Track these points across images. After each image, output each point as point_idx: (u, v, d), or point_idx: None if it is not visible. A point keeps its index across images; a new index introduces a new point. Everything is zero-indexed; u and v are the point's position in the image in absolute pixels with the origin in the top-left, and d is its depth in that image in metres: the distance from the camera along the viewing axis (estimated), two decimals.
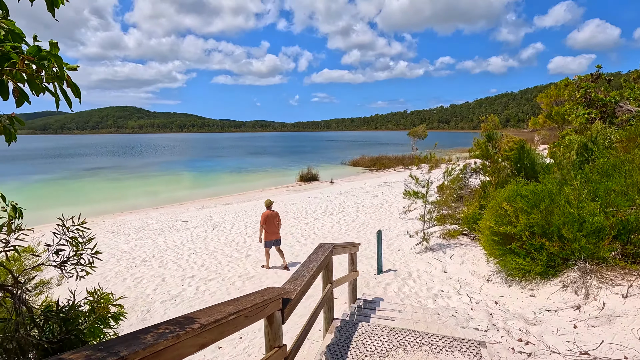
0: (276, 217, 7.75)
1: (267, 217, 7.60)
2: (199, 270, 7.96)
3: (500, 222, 5.08)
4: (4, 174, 39.09)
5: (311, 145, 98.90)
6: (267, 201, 7.96)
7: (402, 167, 36.36)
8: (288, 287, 2.70)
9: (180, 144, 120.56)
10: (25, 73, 1.18)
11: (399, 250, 8.07)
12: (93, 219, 17.79)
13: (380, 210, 13.40)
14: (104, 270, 8.59)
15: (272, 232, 7.65)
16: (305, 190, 25.21)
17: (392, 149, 60.21)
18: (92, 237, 2.02)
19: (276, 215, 7.76)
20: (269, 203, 7.91)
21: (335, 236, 10.19)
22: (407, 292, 5.60)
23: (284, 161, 50.17)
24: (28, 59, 1.15)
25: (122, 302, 5.87)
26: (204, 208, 19.41)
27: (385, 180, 25.36)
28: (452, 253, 7.11)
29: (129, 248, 10.84)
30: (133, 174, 37.03)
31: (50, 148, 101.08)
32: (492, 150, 9.65)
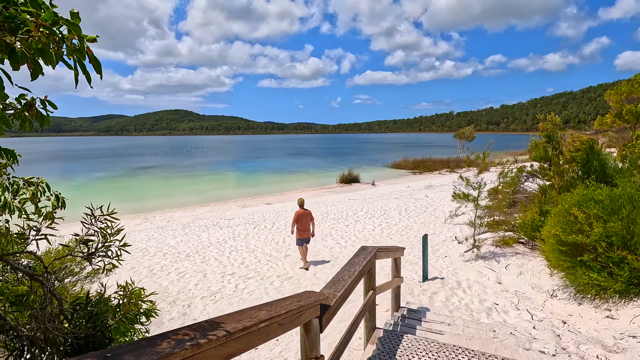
0: (309, 216, 7.78)
1: (300, 216, 7.67)
2: (239, 268, 7.98)
3: (568, 231, 4.46)
4: (72, 171, 43.10)
5: (352, 147, 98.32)
6: (300, 200, 8.07)
7: (447, 170, 34.79)
8: (327, 292, 2.46)
9: (226, 145, 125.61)
10: (41, 42, 1.05)
11: (445, 257, 7.52)
12: (145, 214, 18.88)
13: (425, 214, 12.75)
14: (152, 264, 8.93)
15: (304, 230, 7.70)
16: (346, 191, 24.93)
17: (437, 151, 58.02)
18: (121, 229, 1.91)
19: (309, 214, 7.81)
20: (301, 202, 7.99)
21: (377, 239, 9.79)
22: (456, 303, 5.12)
23: (325, 162, 50.24)
24: (42, 25, 1.02)
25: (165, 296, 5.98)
26: (247, 207, 19.83)
27: (430, 183, 24.36)
28: (508, 263, 6.46)
29: (175, 243, 11.25)
30: (183, 173, 39.04)
31: (112, 148, 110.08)
32: (553, 151, 8.74)
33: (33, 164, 55.06)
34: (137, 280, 7.82)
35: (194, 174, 38.36)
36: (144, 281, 7.69)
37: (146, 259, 9.48)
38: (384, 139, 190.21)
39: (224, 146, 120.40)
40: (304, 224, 7.70)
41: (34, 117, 1.65)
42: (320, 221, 12.94)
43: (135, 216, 18.50)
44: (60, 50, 1.18)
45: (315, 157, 61.80)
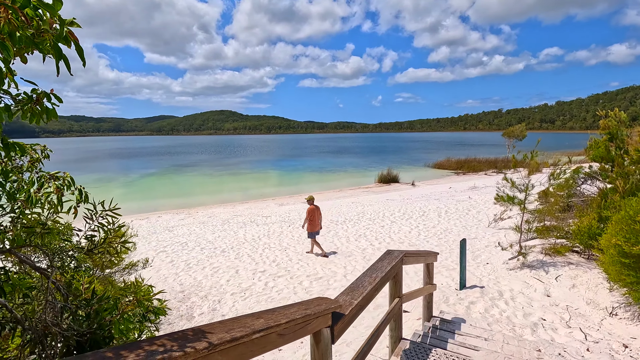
0: (318, 210, 8.80)
1: (311, 211, 8.65)
2: (270, 266, 8.00)
3: (633, 240, 3.88)
4: (127, 168, 46.43)
5: (393, 146, 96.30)
6: (310, 197, 9.05)
7: (494, 170, 32.83)
8: (343, 299, 2.27)
9: (268, 145, 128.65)
10: (11, 24, 0.99)
11: (487, 263, 6.97)
12: (189, 210, 19.75)
13: (467, 217, 12.03)
14: (189, 258, 9.24)
15: (315, 224, 8.67)
16: (384, 191, 24.41)
17: (483, 150, 55.04)
18: (122, 225, 1.86)
19: (318, 209, 8.82)
20: (311, 198, 8.98)
21: (413, 242, 9.37)
22: (496, 315, 4.67)
23: (364, 162, 49.65)
24: (7, 6, 0.95)
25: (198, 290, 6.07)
26: (284, 205, 20.06)
27: (474, 184, 23.11)
28: (558, 273, 5.82)
29: (213, 238, 11.60)
30: (226, 171, 40.51)
31: (163, 146, 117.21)
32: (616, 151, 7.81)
33: (94, 161, 60.08)
34: (173, 273, 8.12)
35: (236, 172, 39.65)
36: (181, 274, 7.95)
37: (185, 252, 9.83)
38: (426, 137, 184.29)
39: (265, 145, 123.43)
40: (315, 219, 8.68)
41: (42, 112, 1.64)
42: (355, 221, 12.70)
43: (180, 211, 19.39)
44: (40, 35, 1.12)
45: (354, 156, 61.31)
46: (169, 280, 7.63)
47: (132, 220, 16.37)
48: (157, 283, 7.52)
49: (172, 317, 5.72)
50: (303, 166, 45.85)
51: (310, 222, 8.61)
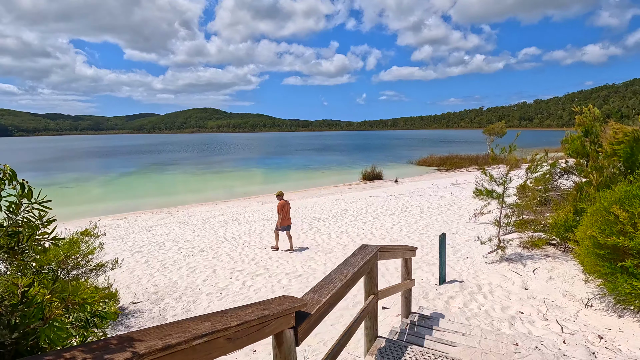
0: (288, 205, 8.98)
1: (282, 206, 8.79)
2: (249, 264, 7.79)
3: (607, 232, 3.88)
4: (105, 167, 45.04)
5: (377, 144, 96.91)
6: (279, 192, 9.24)
7: (475, 167, 33.40)
8: (309, 297, 2.13)
9: (252, 143, 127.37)
10: None
11: (467, 258, 6.97)
12: (169, 209, 19.24)
13: (448, 212, 12.10)
14: (165, 258, 8.93)
15: (286, 218, 8.83)
16: (368, 188, 24.45)
17: (465, 148, 56.00)
18: (52, 219, 1.65)
19: (288, 204, 9.00)
20: (280, 193, 9.19)
21: (394, 237, 9.33)
22: (474, 309, 4.63)
23: (348, 159, 49.69)
24: None
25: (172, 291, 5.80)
26: (267, 203, 19.81)
27: (456, 180, 23.41)
28: (536, 266, 5.85)
29: (192, 237, 11.28)
30: (208, 169, 39.78)
31: (143, 145, 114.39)
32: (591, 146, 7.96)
33: (71, 160, 58.07)
34: (148, 273, 7.82)
35: (219, 170, 38.99)
36: (156, 275, 7.66)
37: (161, 252, 9.51)
38: (409, 135, 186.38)
39: (249, 143, 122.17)
40: (286, 213, 8.85)
41: None
42: (337, 218, 12.61)
43: (159, 211, 18.87)
44: None
45: (338, 154, 61.34)
46: (142, 281, 7.33)
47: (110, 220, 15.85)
48: (130, 284, 7.22)
49: (143, 319, 5.47)
50: (287, 164, 45.52)
51: (282, 216, 8.78)
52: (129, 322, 5.34)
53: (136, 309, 5.88)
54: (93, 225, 5.54)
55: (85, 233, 5.35)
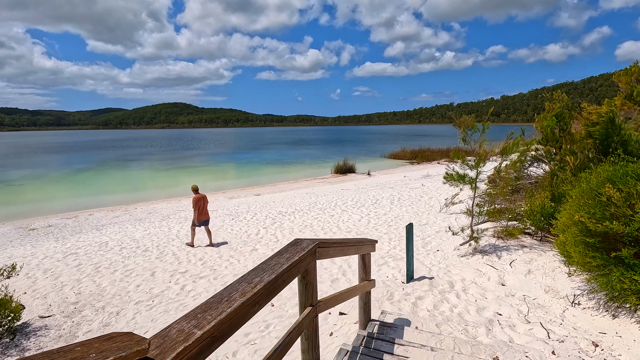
0: (205, 199, 8.61)
1: (198, 200, 8.41)
2: (195, 265, 6.80)
3: (599, 216, 3.25)
4: (63, 163, 41.91)
5: (350, 138, 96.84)
6: (194, 186, 8.79)
7: (446, 160, 33.58)
8: (176, 329, 1.25)
9: (224, 138, 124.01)
10: None
11: (437, 250, 6.33)
12: (127, 206, 17.75)
13: (419, 203, 11.55)
14: (102, 260, 7.77)
15: (202, 213, 8.43)
16: (340, 182, 23.83)
17: (436, 141, 56.64)
18: None
19: (205, 198, 8.63)
20: (195, 187, 8.75)
21: (361, 230, 8.60)
22: (446, 312, 3.93)
23: (321, 153, 48.99)
24: None
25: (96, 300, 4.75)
26: (235, 198, 18.76)
27: (427, 172, 23.20)
28: (512, 258, 5.25)
29: (140, 236, 10.13)
30: (175, 164, 37.82)
31: (108, 140, 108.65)
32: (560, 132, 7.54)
33: (24, 156, 53.88)
34: (75, 279, 6.66)
35: (187, 165, 37.16)
36: (83, 280, 6.51)
37: (100, 254, 8.32)
38: (383, 130, 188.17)
39: (221, 138, 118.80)
40: (203, 208, 8.46)
41: None
42: (304, 212, 11.79)
43: (116, 208, 17.37)
44: None
45: (312, 148, 60.53)
46: (65, 288, 6.17)
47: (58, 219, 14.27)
48: (49, 293, 6.05)
49: (47, 338, 4.39)
50: (258, 158, 44.17)
51: (198, 211, 8.38)
52: (26, 344, 4.26)
53: (43, 324, 4.78)
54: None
55: None
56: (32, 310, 5.36)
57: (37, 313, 5.23)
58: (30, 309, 5.45)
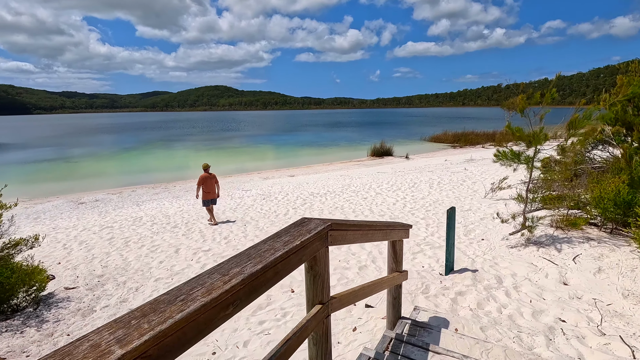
0: (213, 179, 8.61)
1: (204, 179, 8.46)
2: (218, 244, 6.60)
3: None
4: (115, 142, 44.59)
5: (389, 121, 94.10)
6: (204, 164, 8.77)
7: (491, 143, 31.35)
8: (77, 352, 0.82)
9: (262, 120, 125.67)
10: None
11: (482, 239, 5.58)
12: (167, 184, 18.34)
13: (461, 188, 10.62)
14: (132, 234, 7.84)
15: (208, 192, 8.45)
16: (376, 165, 23.07)
17: (481, 124, 53.26)
18: None
19: (213, 177, 8.64)
20: (205, 166, 8.73)
21: (396, 215, 7.97)
22: (493, 313, 3.30)
23: (358, 136, 47.93)
24: None
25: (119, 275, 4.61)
26: (269, 179, 18.77)
27: (471, 156, 21.72)
28: (576, 252, 4.42)
29: (173, 212, 10.24)
30: (214, 145, 38.75)
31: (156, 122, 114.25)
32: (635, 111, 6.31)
33: (82, 136, 58.04)
34: (105, 252, 6.74)
35: (226, 146, 37.96)
36: (112, 254, 6.55)
37: (132, 228, 8.44)
38: (424, 113, 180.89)
39: (259, 120, 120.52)
40: (208, 187, 8.45)
41: None
42: (336, 194, 11.31)
43: (157, 186, 18.03)
44: None
45: (348, 131, 59.49)
46: (94, 261, 6.22)
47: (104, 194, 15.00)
48: (80, 264, 6.13)
49: (66, 311, 4.34)
50: (295, 140, 44.09)
51: (203, 190, 8.44)
52: (46, 315, 4.22)
53: (66, 296, 4.76)
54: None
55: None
56: (60, 281, 5.41)
57: (64, 284, 5.26)
58: (59, 279, 5.52)
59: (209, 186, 8.45)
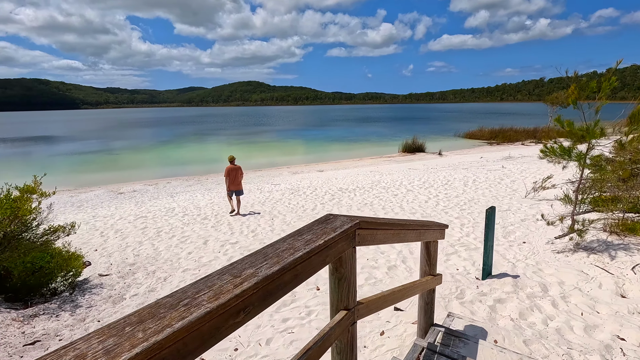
0: (238, 171, 8.88)
1: (230, 171, 8.81)
2: (246, 237, 6.59)
3: None
4: (153, 136, 46.60)
5: (422, 116, 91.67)
6: (230, 156, 9.09)
7: (532, 140, 29.58)
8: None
9: (293, 115, 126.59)
10: None
11: (523, 242, 5.17)
12: (200, 176, 18.86)
13: (498, 187, 10.02)
14: (164, 225, 8.04)
15: (232, 183, 8.79)
16: (408, 161, 22.48)
17: (521, 120, 50.54)
18: None
19: (238, 169, 8.91)
20: (231, 158, 9.06)
21: (428, 213, 7.62)
22: (538, 325, 2.98)
23: (389, 131, 47.02)
24: None
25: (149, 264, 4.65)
26: (298, 173, 18.81)
27: (509, 154, 20.60)
28: (636, 261, 3.94)
29: (204, 204, 10.45)
30: (245, 140, 39.46)
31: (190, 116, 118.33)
32: None
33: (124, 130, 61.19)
34: (138, 241, 6.94)
35: (256, 141, 38.53)
36: (144, 243, 6.74)
37: (164, 219, 8.67)
38: (458, 108, 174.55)
39: (290, 115, 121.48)
40: (233, 178, 8.78)
41: None
42: (366, 190, 11.06)
43: (190, 178, 18.61)
44: None
45: (379, 126, 58.53)
46: (127, 250, 6.41)
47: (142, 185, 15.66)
48: (114, 252, 6.34)
49: (98, 297, 4.46)
50: (325, 135, 43.96)
51: (229, 181, 8.79)
52: (80, 300, 4.36)
53: (100, 282, 4.91)
54: (37, 182, 4.50)
55: (27, 189, 4.34)
56: (95, 267, 5.61)
57: (98, 270, 5.44)
58: (95, 265, 5.72)
59: (233, 178, 8.81)
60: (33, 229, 4.58)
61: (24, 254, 4.53)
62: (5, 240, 4.47)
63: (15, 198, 4.23)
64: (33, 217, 4.44)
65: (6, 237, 4.43)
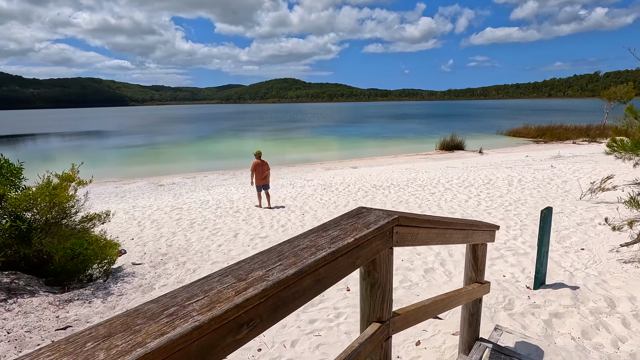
0: (265, 166, 8.99)
1: (256, 166, 8.89)
2: (276, 232, 6.46)
3: None
4: (193, 131, 48.50)
5: (461, 113, 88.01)
6: (257, 152, 9.16)
7: (585, 139, 27.26)
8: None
9: (328, 112, 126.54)
10: None
11: (582, 249, 4.59)
12: (235, 171, 19.25)
13: (548, 187, 9.19)
14: (197, 217, 8.14)
15: (260, 178, 8.87)
16: (446, 159, 21.56)
17: (572, 117, 46.91)
18: None
19: (265, 164, 9.02)
20: (258, 153, 9.12)
21: (469, 213, 7.10)
22: (606, 346, 2.54)
23: (426, 128, 45.53)
24: None
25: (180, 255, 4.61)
26: (331, 169, 18.65)
27: (558, 152, 19.10)
28: None
29: (237, 198, 10.53)
30: (280, 136, 39.89)
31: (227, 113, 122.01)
32: None
33: (167, 125, 64.21)
34: (171, 231, 7.06)
35: (291, 137, 38.84)
36: (178, 234, 6.83)
37: (198, 211, 8.80)
38: (502, 105, 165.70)
39: (325, 112, 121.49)
40: (260, 173, 8.87)
41: None
42: (401, 187, 10.62)
43: (226, 172, 19.00)
44: None
45: (416, 123, 56.91)
46: (161, 240, 6.52)
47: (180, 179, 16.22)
48: (149, 242, 6.48)
49: (130, 285, 4.50)
50: (359, 132, 43.40)
51: (256, 175, 8.86)
52: (112, 288, 4.42)
53: (132, 271, 4.98)
54: (75, 171, 4.61)
55: (66, 178, 4.45)
56: (130, 256, 5.73)
57: (132, 259, 5.55)
58: (130, 254, 5.85)
59: (260, 173, 8.88)
60: (72, 216, 4.72)
61: (63, 239, 4.68)
62: (46, 226, 4.63)
63: (55, 185, 4.35)
64: (71, 205, 4.57)
65: (47, 223, 4.59)
